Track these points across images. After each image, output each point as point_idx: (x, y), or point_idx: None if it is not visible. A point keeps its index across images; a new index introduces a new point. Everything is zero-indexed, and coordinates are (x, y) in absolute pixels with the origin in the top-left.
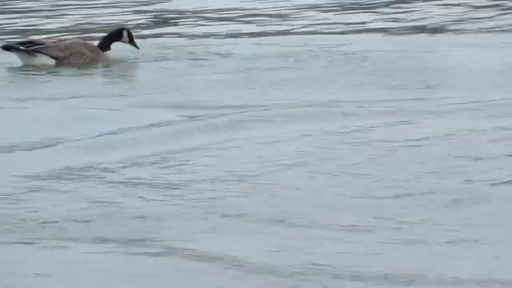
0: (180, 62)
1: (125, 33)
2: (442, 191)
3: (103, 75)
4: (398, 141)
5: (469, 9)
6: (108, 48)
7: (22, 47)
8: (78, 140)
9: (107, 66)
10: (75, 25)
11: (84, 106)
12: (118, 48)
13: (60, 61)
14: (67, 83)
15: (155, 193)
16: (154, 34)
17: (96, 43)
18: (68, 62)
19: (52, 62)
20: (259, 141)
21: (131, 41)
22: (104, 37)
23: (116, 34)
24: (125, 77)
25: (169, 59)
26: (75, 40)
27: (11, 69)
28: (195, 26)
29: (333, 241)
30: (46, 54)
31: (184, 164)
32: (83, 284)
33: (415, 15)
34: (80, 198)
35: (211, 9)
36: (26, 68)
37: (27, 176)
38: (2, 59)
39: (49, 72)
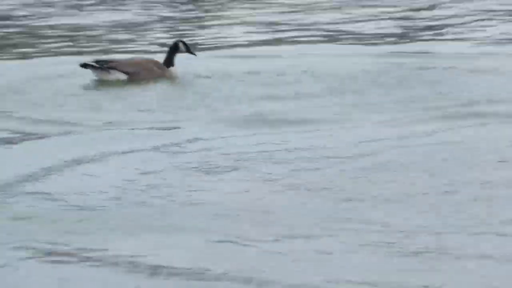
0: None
1: (181, 44)
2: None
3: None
4: None
5: None
6: (172, 64)
7: (96, 65)
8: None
9: (174, 81)
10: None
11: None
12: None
13: (132, 77)
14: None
15: None
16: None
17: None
18: (138, 78)
19: (124, 77)
20: None
21: (188, 50)
22: (167, 54)
23: (174, 48)
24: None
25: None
26: (144, 58)
27: (89, 85)
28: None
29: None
30: (119, 70)
31: None
32: None
33: None
34: None
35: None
36: (114, 84)
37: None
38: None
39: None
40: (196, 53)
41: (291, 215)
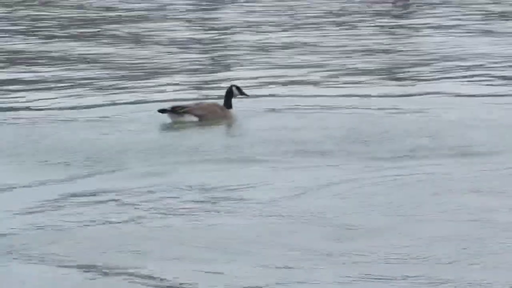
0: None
1: (234, 89)
2: None
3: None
4: None
5: None
6: (230, 106)
7: (171, 110)
8: None
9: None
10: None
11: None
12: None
13: (201, 118)
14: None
15: None
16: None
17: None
18: (207, 119)
19: (196, 119)
20: None
21: (241, 93)
22: (224, 98)
23: (230, 92)
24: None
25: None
26: (209, 102)
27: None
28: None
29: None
30: (192, 114)
31: None
32: None
33: None
34: None
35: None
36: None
37: None
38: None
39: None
40: (248, 94)
41: None
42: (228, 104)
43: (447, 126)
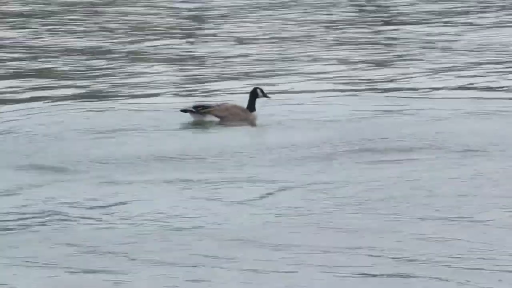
0: None
1: (258, 91)
2: None
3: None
4: None
5: None
6: (254, 109)
7: (194, 110)
8: None
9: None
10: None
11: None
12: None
13: (222, 119)
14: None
15: None
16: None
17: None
18: (228, 120)
19: (217, 120)
20: None
21: (264, 95)
22: (248, 100)
23: (253, 94)
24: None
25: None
26: (232, 103)
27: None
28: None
29: None
30: (213, 114)
31: None
32: None
33: None
34: None
35: None
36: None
37: None
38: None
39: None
40: (270, 96)
41: None
42: (251, 107)
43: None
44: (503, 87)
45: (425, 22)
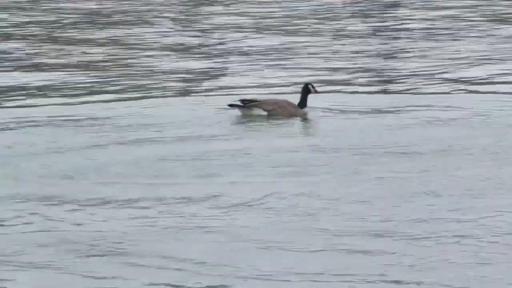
0: None
1: (310, 87)
2: None
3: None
4: None
5: None
6: (305, 105)
7: (242, 104)
8: None
9: (305, 119)
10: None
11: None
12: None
13: (270, 113)
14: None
15: None
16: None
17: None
18: (276, 114)
19: (264, 113)
20: None
21: (316, 91)
22: (300, 96)
23: (305, 90)
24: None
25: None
26: (281, 98)
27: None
28: None
29: None
30: (261, 108)
31: None
32: None
33: None
34: None
35: None
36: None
37: None
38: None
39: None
40: (320, 91)
41: None
42: (302, 103)
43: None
44: None
45: None
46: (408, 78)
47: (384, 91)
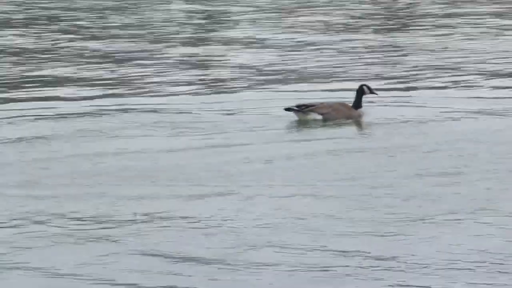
0: None
1: (365, 88)
2: None
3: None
4: None
5: None
6: (360, 106)
7: (297, 108)
8: None
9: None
10: None
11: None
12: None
13: (325, 117)
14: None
15: None
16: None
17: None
18: (331, 117)
19: (320, 117)
20: None
21: (371, 92)
22: (355, 97)
23: (360, 91)
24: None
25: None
26: (335, 101)
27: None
28: None
29: None
30: (316, 112)
31: None
32: None
33: None
34: None
35: None
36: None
37: None
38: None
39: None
40: (377, 92)
41: None
42: (357, 104)
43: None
44: None
45: None
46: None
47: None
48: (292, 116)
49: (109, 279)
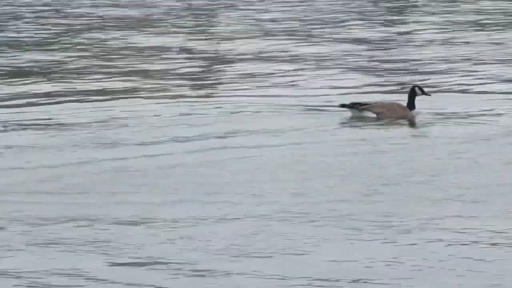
0: None
1: (417, 89)
2: None
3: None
4: None
5: None
6: (414, 107)
7: (352, 106)
8: None
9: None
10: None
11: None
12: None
13: (379, 115)
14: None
15: None
16: None
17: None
18: (385, 116)
19: (373, 115)
20: None
21: (423, 93)
22: (408, 99)
23: (412, 92)
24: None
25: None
26: (390, 101)
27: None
28: None
29: None
30: (370, 111)
31: None
32: None
33: None
34: None
35: None
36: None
37: None
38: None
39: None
40: (431, 94)
41: None
42: (411, 105)
43: None
44: None
45: None
46: None
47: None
48: (347, 112)
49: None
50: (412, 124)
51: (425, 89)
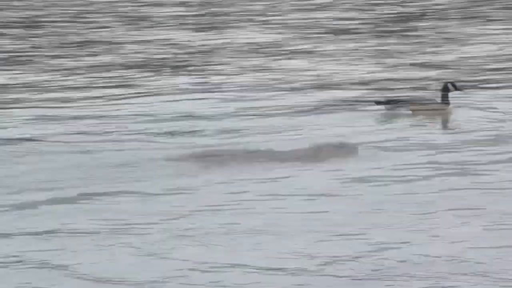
0: None
1: (449, 85)
2: None
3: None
4: None
5: None
6: (448, 103)
7: (385, 102)
8: None
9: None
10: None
11: None
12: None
13: (415, 111)
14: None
15: None
16: None
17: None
18: (420, 113)
19: (409, 112)
20: None
21: (456, 89)
22: (441, 96)
23: (445, 89)
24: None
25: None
26: (425, 96)
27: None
28: None
29: None
30: (405, 107)
31: None
32: None
33: None
34: None
35: None
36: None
37: None
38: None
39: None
40: (465, 90)
41: None
42: (444, 101)
43: None
44: None
45: None
46: None
47: None
48: (381, 109)
49: None
50: (448, 119)
51: (457, 85)
